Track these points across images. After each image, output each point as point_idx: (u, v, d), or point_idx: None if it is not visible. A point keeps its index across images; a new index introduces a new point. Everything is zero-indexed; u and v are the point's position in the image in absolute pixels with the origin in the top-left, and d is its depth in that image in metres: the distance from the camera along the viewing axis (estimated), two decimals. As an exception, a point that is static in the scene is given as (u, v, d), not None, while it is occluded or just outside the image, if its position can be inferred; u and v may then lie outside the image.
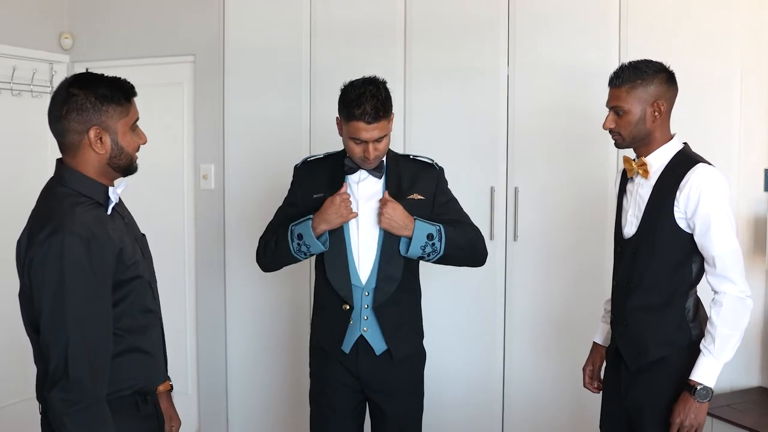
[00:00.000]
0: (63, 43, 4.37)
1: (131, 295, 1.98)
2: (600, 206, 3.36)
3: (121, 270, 1.94)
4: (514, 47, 3.48)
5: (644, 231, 2.42)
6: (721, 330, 2.29)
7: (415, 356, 2.80)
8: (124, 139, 2.00)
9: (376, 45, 3.70)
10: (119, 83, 2.02)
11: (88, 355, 1.83)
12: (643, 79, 2.37)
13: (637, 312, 2.44)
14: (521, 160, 3.50)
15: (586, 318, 3.38)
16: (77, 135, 1.94)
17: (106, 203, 1.98)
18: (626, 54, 3.24)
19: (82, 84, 1.96)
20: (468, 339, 3.63)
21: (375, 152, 2.55)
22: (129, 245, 2.00)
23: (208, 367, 4.22)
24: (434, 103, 3.63)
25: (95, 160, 1.97)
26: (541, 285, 3.52)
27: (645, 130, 2.40)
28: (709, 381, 2.30)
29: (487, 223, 3.53)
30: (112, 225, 1.96)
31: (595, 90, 3.23)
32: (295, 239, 2.62)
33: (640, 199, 2.45)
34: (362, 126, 2.50)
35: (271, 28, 3.92)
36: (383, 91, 2.54)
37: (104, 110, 1.95)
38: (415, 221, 2.60)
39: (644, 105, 2.38)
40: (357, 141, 2.54)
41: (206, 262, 4.18)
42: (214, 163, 4.10)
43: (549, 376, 3.51)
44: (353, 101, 2.50)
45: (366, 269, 2.65)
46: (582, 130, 3.38)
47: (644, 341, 2.42)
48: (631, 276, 2.45)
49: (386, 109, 2.53)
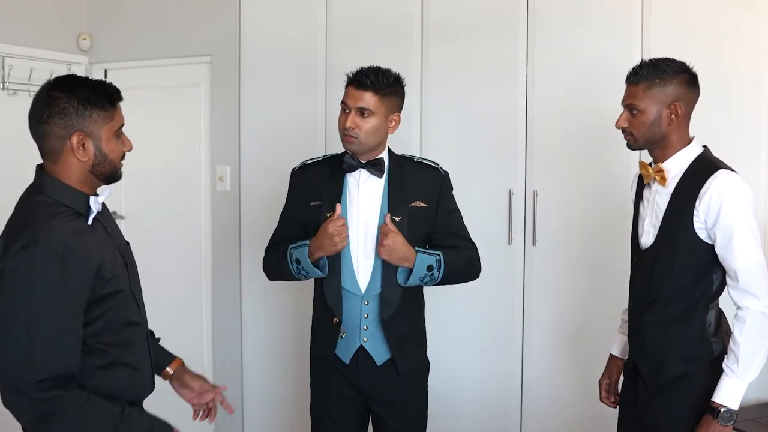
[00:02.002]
0: (81, 44, 4.36)
1: (112, 309, 1.91)
2: (622, 210, 3.18)
3: (100, 285, 1.86)
4: (533, 45, 3.39)
5: (662, 241, 2.29)
6: (744, 349, 2.15)
7: (420, 368, 2.72)
8: (108, 145, 1.92)
9: (393, 44, 3.63)
10: (104, 87, 1.94)
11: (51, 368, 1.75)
12: (662, 78, 2.25)
13: (655, 326, 2.31)
14: (540, 162, 3.41)
15: (608, 326, 3.26)
16: (59, 140, 1.86)
17: (87, 213, 1.90)
18: (649, 53, 3.12)
19: (65, 87, 1.88)
20: (485, 347, 3.54)
21: (352, 123, 2.47)
22: (109, 258, 1.91)
23: (223, 371, 4.18)
24: (451, 102, 3.55)
25: (77, 167, 1.89)
26: (560, 291, 3.42)
27: (660, 132, 2.27)
28: (733, 403, 2.17)
29: (505, 227, 3.45)
30: (92, 237, 1.89)
31: (617, 90, 3.07)
32: (294, 263, 2.58)
33: (658, 208, 2.32)
34: (350, 90, 2.49)
35: (286, 28, 3.87)
36: (391, 76, 2.51)
37: (87, 115, 1.86)
38: (417, 253, 2.52)
39: (661, 106, 2.25)
40: (344, 108, 2.51)
41: (222, 265, 4.15)
42: (229, 165, 4.06)
43: (569, 387, 3.41)
44: (358, 69, 2.51)
45: (365, 277, 2.57)
46: (604, 132, 3.21)
47: (663, 357, 2.29)
48: (648, 288, 2.32)
49: (380, 86, 2.47)
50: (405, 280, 2.55)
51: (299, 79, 3.86)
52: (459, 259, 2.63)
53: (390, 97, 2.51)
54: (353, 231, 2.57)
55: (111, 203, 4.42)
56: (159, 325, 4.42)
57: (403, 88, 2.59)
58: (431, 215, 2.62)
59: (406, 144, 3.45)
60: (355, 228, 2.57)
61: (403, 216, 2.55)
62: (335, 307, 2.56)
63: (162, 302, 4.24)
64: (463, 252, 2.66)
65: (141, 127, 4.25)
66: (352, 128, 2.47)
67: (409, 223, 2.56)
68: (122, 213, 4.44)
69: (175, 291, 4.28)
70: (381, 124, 2.51)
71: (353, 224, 2.57)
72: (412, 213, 2.57)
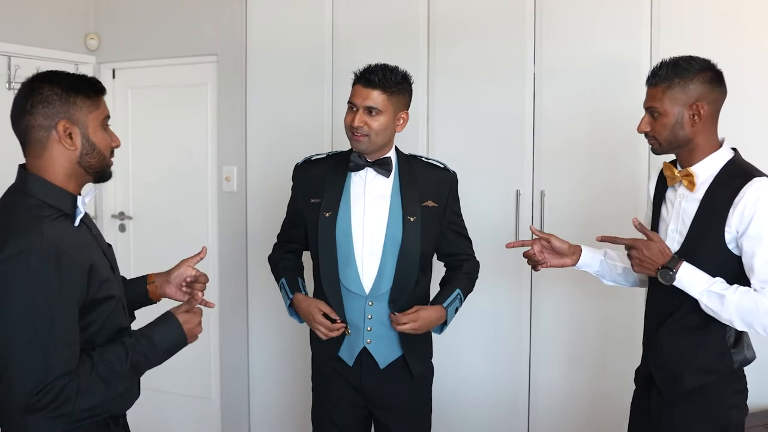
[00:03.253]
0: (89, 44, 4.35)
1: (103, 316, 1.85)
2: (631, 211, 3.15)
3: (94, 288, 1.80)
4: (540, 45, 3.34)
5: (688, 250, 2.16)
6: (735, 299, 2.03)
7: (425, 372, 2.69)
8: (96, 135, 1.84)
9: (399, 44, 3.59)
10: (86, 78, 1.89)
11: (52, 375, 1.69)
12: (681, 78, 2.12)
13: (673, 335, 2.22)
14: (548, 162, 3.36)
15: (617, 329, 3.27)
16: (44, 131, 1.79)
17: (74, 214, 1.84)
18: (658, 51, 3.09)
19: (47, 77, 1.83)
20: (491, 351, 3.50)
21: (360, 122, 2.43)
22: (99, 261, 1.86)
23: (230, 372, 4.17)
24: (458, 103, 3.51)
25: (64, 159, 1.81)
26: (569, 294, 3.36)
27: (683, 135, 2.15)
28: (683, 278, 2.09)
29: (513, 228, 3.40)
30: (81, 239, 1.83)
31: (626, 89, 3.17)
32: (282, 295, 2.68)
33: (685, 214, 2.19)
34: (357, 88, 2.45)
35: (293, 28, 3.85)
36: (399, 74, 2.47)
37: (72, 102, 1.80)
38: (447, 310, 2.57)
39: (682, 107, 2.13)
40: (351, 107, 2.47)
41: (229, 266, 4.13)
42: (236, 165, 4.04)
43: (578, 393, 3.37)
44: (365, 67, 2.48)
45: (370, 277, 2.53)
46: (613, 131, 3.23)
47: (680, 368, 2.20)
48: (669, 297, 2.19)
49: (389, 84, 2.43)
50: (441, 330, 2.63)
51: (306, 79, 3.83)
52: (469, 281, 2.69)
53: (398, 95, 2.47)
54: (358, 230, 2.53)
55: (119, 204, 4.43)
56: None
57: (411, 86, 2.54)
58: (440, 214, 2.59)
59: (413, 144, 3.42)
60: (360, 228, 2.53)
61: (417, 216, 2.53)
62: (335, 308, 2.53)
63: (168, 303, 4.24)
64: (467, 266, 2.70)
65: (149, 126, 4.33)
66: (361, 126, 2.43)
67: (422, 223, 2.53)
68: (130, 213, 4.44)
69: None
70: (389, 123, 2.47)
71: (358, 223, 2.53)
72: (424, 212, 2.55)
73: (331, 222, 2.52)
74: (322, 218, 2.53)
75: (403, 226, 2.51)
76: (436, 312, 2.53)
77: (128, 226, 4.44)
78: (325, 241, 2.53)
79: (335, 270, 2.53)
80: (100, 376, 1.76)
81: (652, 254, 2.15)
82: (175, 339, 1.95)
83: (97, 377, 1.76)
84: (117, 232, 4.46)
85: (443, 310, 2.54)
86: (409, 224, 2.51)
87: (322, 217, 2.53)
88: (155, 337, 1.91)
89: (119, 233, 4.45)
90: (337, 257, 2.52)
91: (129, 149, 4.33)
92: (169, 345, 1.93)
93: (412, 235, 2.51)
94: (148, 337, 1.90)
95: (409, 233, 2.51)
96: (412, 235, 2.51)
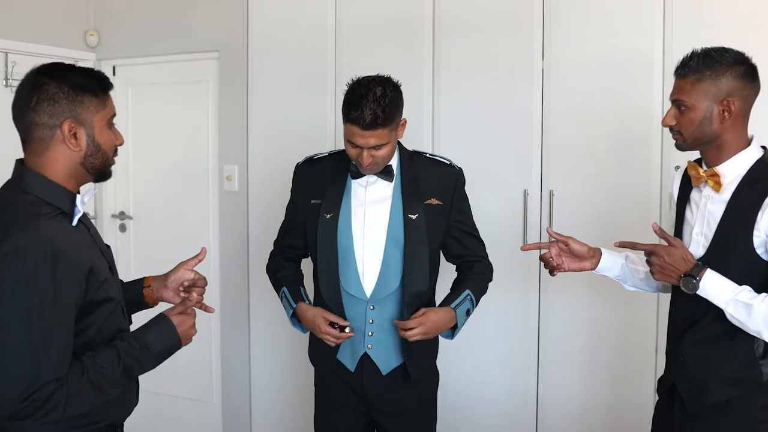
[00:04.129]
0: (88, 40, 4.28)
1: (102, 318, 1.78)
2: (643, 212, 3.12)
3: (93, 289, 1.73)
4: (549, 39, 3.25)
5: (714, 255, 2.04)
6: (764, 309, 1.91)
7: (429, 377, 2.60)
8: (102, 135, 1.78)
9: (404, 40, 3.51)
10: (94, 73, 1.80)
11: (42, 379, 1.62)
12: (713, 70, 1.99)
13: (698, 345, 2.10)
14: (557, 160, 3.27)
15: (628, 335, 3.19)
16: (48, 130, 1.71)
17: (72, 213, 1.77)
18: (671, 46, 3.02)
19: (53, 73, 1.74)
20: (498, 357, 3.43)
21: (370, 159, 2.32)
22: (98, 261, 1.79)
23: (232, 374, 4.11)
24: (464, 100, 3.42)
25: (67, 160, 1.75)
26: (581, 297, 3.28)
27: (711, 131, 2.02)
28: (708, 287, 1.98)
29: (520, 229, 3.32)
30: (79, 239, 1.76)
31: (638, 85, 3.10)
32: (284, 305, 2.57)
33: (710, 217, 2.07)
34: (356, 130, 2.28)
35: (295, 23, 3.77)
36: (389, 96, 2.28)
37: (79, 101, 1.73)
38: (455, 311, 2.45)
39: (711, 101, 1.99)
40: (352, 144, 2.33)
41: (230, 267, 4.07)
42: (237, 164, 3.97)
43: (588, 401, 3.28)
44: (352, 102, 2.28)
45: (371, 281, 2.45)
46: (624, 129, 3.14)
47: (705, 379, 2.07)
48: (693, 305, 2.06)
49: (388, 116, 2.28)
50: (452, 334, 2.51)
51: (309, 76, 3.75)
52: (481, 282, 2.58)
53: (396, 116, 2.35)
54: (359, 233, 2.45)
55: (119, 204, 4.37)
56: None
57: (401, 93, 2.40)
58: (446, 212, 2.50)
59: (418, 143, 3.33)
60: (361, 230, 2.45)
61: (419, 213, 2.43)
62: (336, 312, 2.45)
63: (168, 304, 4.18)
64: (479, 267, 2.58)
65: (149, 124, 4.29)
66: (370, 162, 2.33)
67: (426, 221, 2.44)
68: (130, 213, 4.38)
69: None
70: (394, 143, 2.39)
71: (359, 226, 2.45)
72: (427, 210, 2.46)
73: (332, 224, 2.44)
74: (322, 220, 2.46)
75: (404, 224, 2.42)
76: (445, 314, 2.42)
77: (129, 226, 4.38)
78: (325, 244, 2.45)
79: (335, 273, 2.44)
80: (92, 381, 1.69)
81: (673, 261, 2.03)
82: (169, 341, 1.88)
83: (88, 382, 1.69)
84: (117, 232, 4.40)
85: (452, 311, 2.43)
86: (411, 222, 2.42)
87: (322, 218, 2.46)
88: (148, 340, 1.83)
89: (120, 233, 4.40)
90: (338, 260, 2.44)
91: (129, 148, 4.27)
92: (163, 348, 1.86)
93: (415, 233, 2.42)
94: (141, 339, 1.83)
95: (411, 231, 2.42)
96: (415, 233, 2.42)
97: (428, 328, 2.37)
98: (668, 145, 3.03)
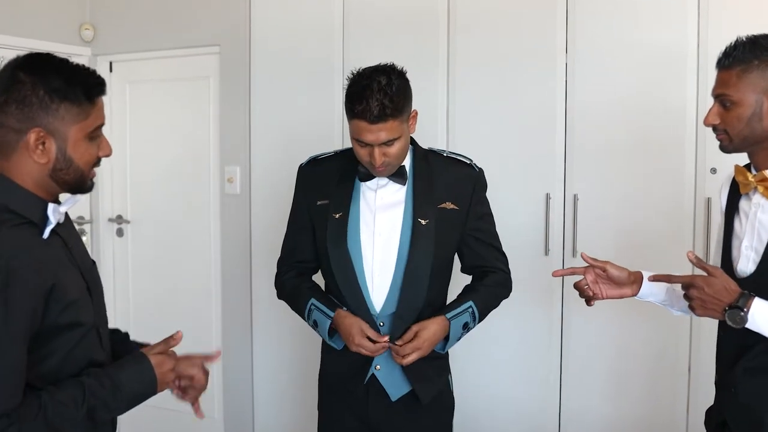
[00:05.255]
0: (83, 34, 4.11)
1: (68, 345, 1.57)
2: (676, 219, 2.95)
3: (55, 311, 1.52)
4: (573, 32, 3.09)
5: (765, 271, 1.83)
6: None
7: (442, 398, 2.36)
8: (76, 149, 1.57)
9: (417, 34, 3.34)
10: (82, 77, 1.58)
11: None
12: (761, 59, 1.78)
13: (753, 375, 1.86)
14: (581, 162, 3.11)
15: (658, 352, 3.02)
16: (14, 134, 1.51)
17: (43, 224, 1.56)
18: (707, 37, 2.86)
19: (34, 70, 1.52)
20: (517, 374, 3.25)
21: (383, 158, 2.11)
22: (68, 280, 1.57)
23: (234, 389, 3.94)
24: (481, 97, 3.25)
25: (33, 170, 1.55)
26: (605, 310, 3.00)
27: (761, 129, 1.81)
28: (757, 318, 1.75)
29: (542, 236, 3.15)
30: (46, 253, 1.54)
31: (670, 80, 2.95)
32: (311, 321, 2.31)
33: (761, 227, 1.86)
34: (364, 125, 2.06)
35: (301, 15, 3.60)
36: (395, 84, 2.07)
37: (53, 110, 1.52)
38: (450, 322, 2.21)
39: (761, 95, 1.79)
40: (361, 143, 2.11)
41: (231, 274, 3.90)
42: (239, 165, 3.80)
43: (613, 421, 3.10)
44: (355, 95, 2.07)
45: (381, 294, 2.23)
46: (654, 129, 2.97)
47: (760, 414, 1.84)
48: (745, 331, 1.83)
49: (396, 106, 2.06)
50: (443, 347, 2.29)
51: (315, 71, 3.58)
52: (490, 295, 2.34)
53: (406, 107, 2.14)
54: (367, 241, 2.23)
55: (116, 207, 4.20)
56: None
57: (408, 81, 2.19)
58: (462, 219, 2.27)
59: (432, 144, 3.13)
60: (370, 237, 2.22)
61: (429, 219, 2.21)
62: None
63: (167, 314, 4.07)
64: (492, 278, 2.34)
65: (147, 123, 4.15)
66: (383, 162, 2.12)
67: (436, 227, 2.21)
68: (128, 217, 4.21)
69: (182, 301, 4.06)
70: (407, 137, 2.17)
71: (368, 233, 2.23)
72: (440, 216, 2.23)
73: (341, 224, 2.22)
74: (331, 220, 2.23)
75: (412, 230, 2.20)
76: (438, 326, 2.20)
77: (126, 231, 4.21)
78: (335, 244, 2.22)
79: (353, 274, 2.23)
80: (49, 420, 1.49)
81: (715, 293, 1.80)
82: (144, 384, 1.65)
83: (43, 422, 1.48)
84: (114, 237, 4.23)
85: (446, 322, 2.20)
86: (420, 228, 2.20)
87: (331, 219, 2.23)
88: (121, 379, 1.61)
89: (117, 238, 4.23)
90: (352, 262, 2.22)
91: (127, 148, 4.12)
92: (137, 391, 1.64)
93: (423, 242, 2.20)
94: (113, 377, 1.60)
95: (418, 239, 2.20)
96: (422, 242, 2.20)
97: (424, 350, 2.17)
98: (703, 145, 2.89)
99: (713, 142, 2.85)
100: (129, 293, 4.21)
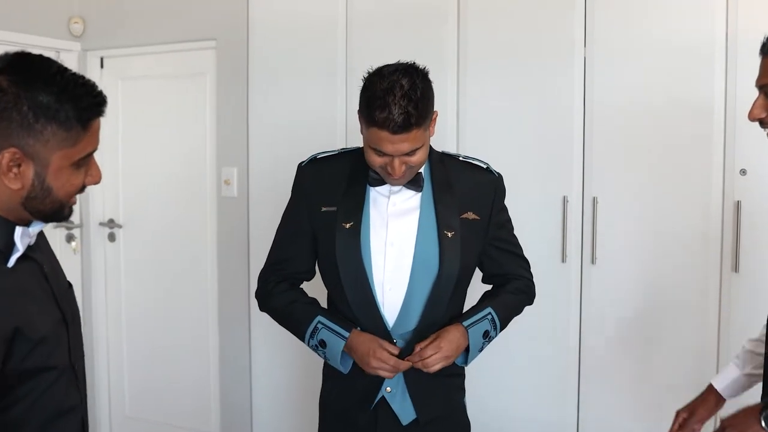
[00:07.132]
0: (72, 28, 3.95)
1: (37, 391, 1.37)
2: (703, 222, 2.80)
3: (20, 354, 1.32)
4: (592, 25, 2.95)
5: None
6: None
7: (455, 420, 2.18)
8: (58, 177, 1.35)
9: (425, 27, 3.19)
10: (77, 94, 1.33)
11: None
12: None
13: None
14: (601, 163, 2.97)
15: (682, 363, 2.88)
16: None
17: (8, 251, 1.35)
18: (736, 30, 2.72)
19: (23, 76, 1.29)
20: (533, 388, 3.11)
21: (403, 168, 1.91)
22: (38, 315, 1.37)
23: (231, 401, 3.80)
24: (494, 94, 3.11)
25: (3, 193, 1.33)
26: (624, 319, 2.96)
27: None
28: None
29: (559, 241, 3.00)
30: (11, 285, 1.34)
31: (697, 75, 2.81)
32: (315, 340, 2.07)
33: None
34: (385, 135, 1.85)
35: (302, 9, 3.45)
36: (420, 88, 1.86)
37: (37, 131, 1.29)
38: (468, 331, 2.02)
39: None
40: (379, 153, 1.91)
41: (229, 282, 3.75)
42: (237, 167, 3.64)
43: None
44: (377, 100, 1.84)
45: (393, 309, 2.03)
46: (680, 127, 2.83)
47: None
48: None
49: (421, 114, 1.86)
50: (465, 360, 2.09)
51: (317, 68, 3.43)
52: (511, 301, 2.15)
53: (430, 112, 1.94)
54: (378, 251, 2.02)
55: (108, 211, 4.08)
56: (159, 352, 4.09)
57: (431, 81, 1.97)
58: (483, 229, 2.09)
59: (441, 145, 2.97)
60: (381, 246, 2.02)
61: (455, 231, 2.02)
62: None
63: (161, 324, 3.96)
64: (513, 285, 2.17)
65: (141, 122, 3.98)
66: (407, 173, 1.94)
67: (462, 239, 2.03)
68: (120, 221, 4.05)
69: (177, 310, 3.92)
70: (428, 143, 1.98)
71: (379, 242, 2.02)
72: (462, 225, 2.04)
73: (354, 234, 2.01)
74: (340, 230, 2.02)
75: (439, 243, 2.01)
76: (457, 331, 2.01)
77: (118, 235, 4.05)
78: (347, 259, 2.01)
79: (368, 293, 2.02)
80: None
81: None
82: None
83: None
84: (106, 242, 4.08)
85: (462, 329, 2.02)
86: (447, 241, 2.00)
87: (340, 228, 2.02)
88: None
89: (108, 243, 4.07)
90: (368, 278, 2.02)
91: (119, 149, 3.98)
92: None
93: (451, 255, 2.01)
94: None
95: (448, 252, 2.01)
96: (450, 255, 2.01)
97: (448, 350, 1.97)
98: (732, 145, 2.74)
99: (743, 141, 2.68)
100: (121, 303, 4.05)
